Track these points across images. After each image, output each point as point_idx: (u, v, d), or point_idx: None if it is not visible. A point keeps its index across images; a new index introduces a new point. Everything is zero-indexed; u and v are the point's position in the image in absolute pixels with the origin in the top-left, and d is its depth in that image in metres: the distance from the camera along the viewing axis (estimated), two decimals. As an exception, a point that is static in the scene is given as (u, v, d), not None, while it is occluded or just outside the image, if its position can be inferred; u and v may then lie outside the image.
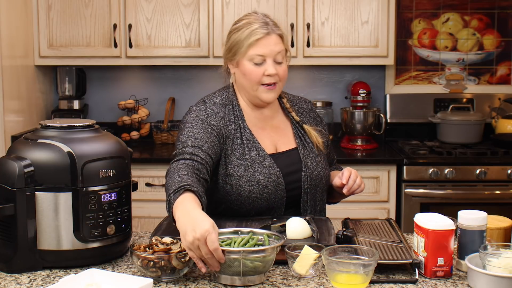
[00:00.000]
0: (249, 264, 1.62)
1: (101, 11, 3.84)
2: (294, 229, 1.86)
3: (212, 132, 2.03)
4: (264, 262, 1.64)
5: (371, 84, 4.11)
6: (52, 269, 1.76)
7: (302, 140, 2.18)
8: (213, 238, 1.57)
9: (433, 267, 1.68)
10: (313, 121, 2.26)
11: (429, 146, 3.90)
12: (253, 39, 2.04)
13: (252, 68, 2.06)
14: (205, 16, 3.82)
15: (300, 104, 2.28)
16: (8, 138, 3.43)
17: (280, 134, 2.18)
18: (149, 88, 4.25)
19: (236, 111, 2.13)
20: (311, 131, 2.19)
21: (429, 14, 4.20)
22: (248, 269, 1.63)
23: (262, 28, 2.05)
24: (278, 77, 2.07)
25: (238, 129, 2.10)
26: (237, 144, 2.08)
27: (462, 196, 3.60)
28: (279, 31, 2.09)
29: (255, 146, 2.09)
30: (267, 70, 2.05)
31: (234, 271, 1.63)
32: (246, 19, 2.10)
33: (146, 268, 1.66)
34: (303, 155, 2.14)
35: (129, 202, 1.85)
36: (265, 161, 2.07)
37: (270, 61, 2.05)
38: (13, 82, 3.55)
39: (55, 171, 1.72)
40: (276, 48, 2.06)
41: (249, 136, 2.10)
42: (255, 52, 2.04)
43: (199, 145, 1.98)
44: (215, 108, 2.10)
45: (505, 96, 4.15)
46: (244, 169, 2.04)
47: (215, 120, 2.07)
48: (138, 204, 3.49)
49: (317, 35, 3.85)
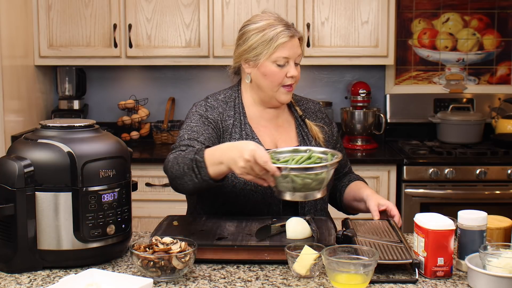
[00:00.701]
0: (299, 181, 1.68)
1: (101, 11, 3.84)
2: (294, 229, 1.86)
3: (209, 125, 2.08)
4: (317, 180, 1.69)
5: (371, 84, 4.11)
6: (52, 269, 1.76)
7: (304, 139, 2.20)
8: (261, 153, 1.67)
9: (433, 267, 1.68)
10: (320, 122, 2.28)
11: (429, 146, 3.90)
12: (280, 41, 2.08)
13: (275, 70, 2.10)
14: (205, 16, 3.82)
15: (307, 104, 2.32)
16: (8, 138, 3.43)
17: (281, 132, 2.20)
18: (149, 88, 4.25)
19: (238, 107, 2.16)
20: (313, 126, 2.23)
21: (429, 14, 4.20)
22: (299, 185, 1.69)
23: (287, 30, 2.09)
24: (296, 78, 2.14)
25: (237, 124, 2.13)
26: (235, 138, 2.11)
27: (462, 196, 3.60)
28: (299, 34, 2.14)
29: (254, 141, 2.09)
30: (289, 72, 2.11)
31: (287, 186, 1.70)
32: (265, 19, 2.11)
33: (146, 268, 1.66)
34: None
35: (129, 202, 1.85)
36: None
37: (292, 63, 2.11)
38: (13, 82, 3.55)
39: (55, 171, 1.72)
40: (298, 50, 2.13)
41: (248, 131, 2.14)
42: (281, 54, 2.09)
43: (195, 137, 2.04)
44: (215, 104, 2.15)
45: (505, 96, 4.15)
46: None
47: (212, 114, 2.12)
48: (138, 204, 3.49)
49: (317, 35, 3.85)
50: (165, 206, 3.55)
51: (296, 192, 1.71)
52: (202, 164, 1.82)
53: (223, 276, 1.71)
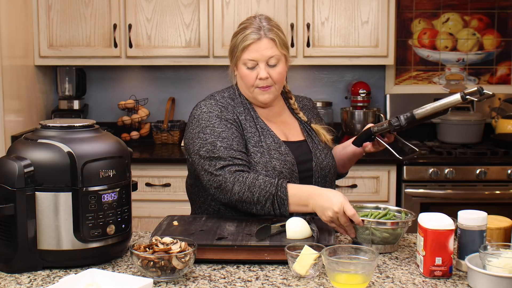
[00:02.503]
0: (378, 234, 1.86)
1: (101, 11, 3.84)
2: (294, 229, 1.86)
3: (232, 127, 2.10)
4: (393, 235, 1.87)
5: (371, 84, 4.11)
6: (52, 269, 1.76)
7: (309, 134, 2.25)
8: (350, 206, 1.85)
9: (431, 266, 1.68)
10: (317, 118, 2.35)
11: (429, 146, 3.90)
12: (244, 44, 2.11)
13: (246, 72, 2.13)
14: (205, 16, 3.83)
15: (303, 102, 2.37)
16: (8, 138, 3.43)
17: (288, 127, 2.25)
18: (149, 88, 4.25)
19: (245, 103, 2.19)
20: (319, 130, 2.27)
21: (429, 14, 4.20)
22: (378, 238, 1.87)
23: (253, 33, 2.11)
24: (272, 80, 2.13)
25: (251, 119, 2.16)
26: (252, 133, 2.13)
27: (462, 196, 3.60)
28: (271, 35, 2.12)
29: (270, 134, 2.15)
30: (259, 74, 2.12)
31: (366, 238, 1.88)
32: (244, 23, 2.17)
33: (146, 268, 1.66)
34: (312, 147, 2.22)
35: (129, 202, 1.85)
36: (281, 147, 2.13)
37: (262, 65, 2.12)
38: (13, 82, 3.55)
39: (55, 171, 1.72)
40: (268, 52, 2.11)
41: (263, 125, 2.17)
42: (247, 56, 2.11)
43: (229, 146, 2.05)
44: (225, 102, 2.16)
45: (505, 96, 4.15)
46: (260, 155, 2.09)
47: (229, 114, 2.13)
48: (138, 204, 3.49)
49: (317, 35, 3.85)
50: (165, 206, 3.55)
51: (373, 244, 1.88)
52: (285, 203, 1.97)
53: (223, 276, 1.71)
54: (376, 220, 1.89)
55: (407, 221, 1.89)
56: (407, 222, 1.89)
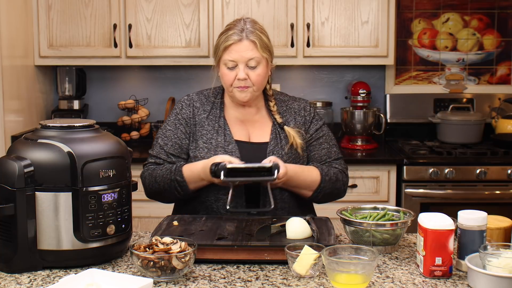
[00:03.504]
0: (378, 236, 1.87)
1: (101, 11, 3.84)
2: (294, 229, 1.86)
3: (180, 126, 2.25)
4: (394, 235, 1.88)
5: (371, 84, 4.11)
6: (52, 269, 1.77)
7: (276, 137, 2.24)
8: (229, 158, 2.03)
9: (431, 266, 1.68)
10: (301, 120, 2.28)
11: (429, 146, 3.90)
12: (225, 44, 2.16)
13: (225, 72, 2.19)
14: (205, 16, 3.83)
15: (291, 104, 2.32)
16: (8, 138, 3.43)
17: (256, 128, 2.27)
18: (149, 88, 4.25)
19: (216, 103, 2.28)
20: (291, 132, 2.24)
21: (429, 14, 4.20)
22: (378, 240, 1.87)
23: (235, 34, 2.15)
24: (251, 81, 2.17)
25: (212, 118, 2.25)
26: (207, 130, 2.24)
27: (462, 196, 3.60)
28: (252, 37, 2.14)
29: (225, 133, 2.22)
30: (238, 74, 2.16)
31: (367, 241, 1.87)
32: (229, 25, 2.22)
33: (146, 268, 1.66)
34: (271, 150, 2.21)
35: (129, 202, 1.85)
36: (229, 146, 2.20)
37: (241, 66, 2.15)
38: (13, 82, 3.55)
39: (55, 171, 1.72)
40: (248, 54, 2.14)
41: (222, 124, 2.24)
42: (227, 57, 2.16)
43: (163, 146, 2.25)
44: (196, 98, 2.30)
45: (505, 96, 4.15)
46: (206, 151, 2.19)
47: (186, 112, 2.27)
48: (138, 204, 3.48)
49: (317, 35, 3.85)
50: (165, 206, 3.53)
51: (374, 246, 1.86)
52: (184, 184, 2.15)
53: (223, 276, 1.72)
54: (375, 222, 1.89)
55: (407, 221, 1.89)
56: (407, 222, 1.89)
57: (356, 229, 1.89)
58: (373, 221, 1.91)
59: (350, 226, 1.91)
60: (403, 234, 1.93)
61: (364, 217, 1.96)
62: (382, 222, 1.90)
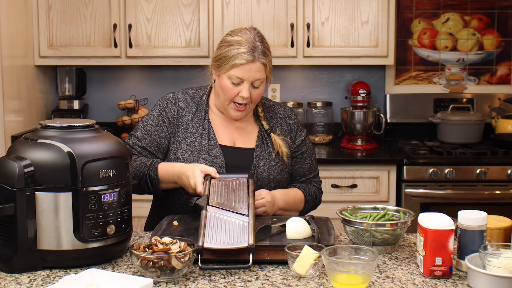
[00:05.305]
0: (378, 236, 1.87)
1: (101, 11, 3.84)
2: (294, 229, 1.86)
3: (162, 123, 2.23)
4: (394, 235, 1.88)
5: (371, 84, 4.11)
6: (52, 269, 1.76)
7: (263, 143, 2.24)
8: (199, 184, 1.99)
9: (431, 266, 1.68)
10: (287, 127, 2.29)
11: (429, 146, 3.90)
12: (236, 62, 2.11)
13: (229, 86, 2.15)
14: (205, 16, 3.83)
15: (277, 110, 2.33)
16: (8, 138, 3.43)
17: (242, 134, 2.26)
18: (149, 88, 4.25)
19: (202, 105, 2.26)
20: (277, 140, 2.24)
21: (429, 14, 4.20)
22: (378, 240, 1.87)
23: (248, 54, 2.10)
24: (251, 99, 2.16)
25: (197, 120, 2.23)
26: (191, 133, 2.21)
27: (462, 196, 3.60)
28: (264, 60, 2.13)
29: (209, 137, 2.20)
30: (241, 92, 2.14)
31: (367, 241, 1.87)
32: (239, 35, 2.15)
33: (145, 268, 1.66)
34: (257, 156, 2.21)
35: (129, 202, 1.85)
36: (213, 150, 2.18)
37: (247, 84, 2.13)
38: (13, 82, 3.55)
39: (55, 171, 1.72)
40: (256, 75, 2.13)
41: (206, 127, 2.22)
42: (236, 74, 2.12)
43: (141, 139, 2.21)
44: (181, 98, 2.27)
45: (505, 96, 4.15)
46: (190, 153, 2.18)
47: (170, 111, 2.24)
48: (138, 204, 3.48)
49: (317, 35, 3.85)
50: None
51: (374, 246, 1.86)
52: (156, 181, 2.14)
53: (223, 276, 1.71)
54: (375, 222, 1.89)
55: (407, 221, 1.89)
56: (407, 222, 1.89)
57: (356, 229, 1.89)
58: (373, 221, 1.91)
59: (350, 226, 1.91)
60: (403, 234, 1.93)
61: (364, 217, 1.96)
62: (382, 222, 1.90)
